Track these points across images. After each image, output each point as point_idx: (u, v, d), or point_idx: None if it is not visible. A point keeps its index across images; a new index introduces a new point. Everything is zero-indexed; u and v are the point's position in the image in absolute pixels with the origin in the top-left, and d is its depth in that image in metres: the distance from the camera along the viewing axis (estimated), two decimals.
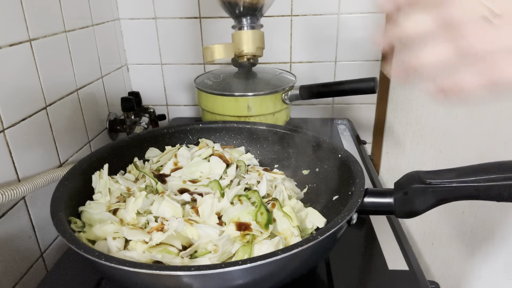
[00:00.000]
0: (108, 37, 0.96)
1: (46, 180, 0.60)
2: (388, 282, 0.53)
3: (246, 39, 0.68)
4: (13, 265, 0.59)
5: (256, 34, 0.68)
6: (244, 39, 0.68)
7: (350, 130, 1.02)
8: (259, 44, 0.69)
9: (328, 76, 1.06)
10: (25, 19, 0.63)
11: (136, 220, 0.53)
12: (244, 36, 0.68)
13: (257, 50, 0.69)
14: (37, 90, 0.66)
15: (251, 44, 0.68)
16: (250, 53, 0.68)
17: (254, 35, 0.68)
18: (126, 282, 0.43)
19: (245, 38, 0.68)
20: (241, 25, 0.68)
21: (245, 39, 0.68)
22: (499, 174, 0.43)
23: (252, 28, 0.68)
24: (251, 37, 0.68)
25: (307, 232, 0.54)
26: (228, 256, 0.48)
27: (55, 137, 0.71)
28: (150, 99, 1.11)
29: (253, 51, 0.69)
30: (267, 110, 0.86)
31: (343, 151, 0.59)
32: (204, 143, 0.72)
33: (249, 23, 0.68)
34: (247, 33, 0.68)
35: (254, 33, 0.68)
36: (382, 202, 0.49)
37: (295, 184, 0.66)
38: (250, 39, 0.68)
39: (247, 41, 0.68)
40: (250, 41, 0.68)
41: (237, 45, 0.69)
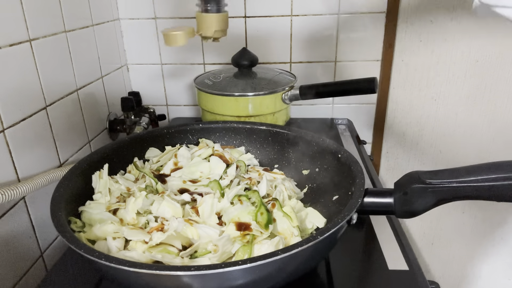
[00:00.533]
0: (108, 37, 0.96)
1: (46, 180, 0.60)
2: (388, 282, 0.53)
3: (204, 23, 0.68)
4: (13, 265, 0.59)
5: (214, 18, 0.67)
6: (202, 23, 0.68)
7: (350, 130, 1.02)
8: (218, 27, 0.68)
9: (328, 76, 1.06)
10: (25, 19, 0.63)
11: (136, 220, 0.53)
12: (201, 19, 0.68)
13: (215, 33, 0.68)
14: (37, 90, 0.66)
15: (209, 28, 0.68)
16: (207, 36, 0.69)
17: (212, 19, 0.67)
18: (126, 282, 0.43)
19: (202, 21, 0.68)
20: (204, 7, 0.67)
21: (203, 23, 0.68)
22: (499, 174, 0.43)
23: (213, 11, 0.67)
24: (209, 20, 0.68)
25: (307, 232, 0.54)
26: (228, 256, 0.48)
27: (55, 137, 0.71)
28: (150, 99, 1.11)
29: (210, 34, 0.68)
30: (267, 110, 0.86)
31: (343, 151, 0.59)
32: (204, 143, 0.72)
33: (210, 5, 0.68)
34: (205, 17, 0.67)
35: (211, 17, 0.67)
36: (382, 202, 0.49)
37: (295, 184, 0.66)
38: (209, 23, 0.68)
39: (205, 25, 0.68)
40: (209, 25, 0.68)
41: (198, 26, 0.69)
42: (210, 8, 0.67)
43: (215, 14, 0.67)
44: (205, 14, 0.67)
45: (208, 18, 0.67)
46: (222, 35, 0.70)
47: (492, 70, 1.01)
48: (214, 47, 1.04)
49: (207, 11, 0.67)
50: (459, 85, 1.04)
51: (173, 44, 0.68)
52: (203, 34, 0.69)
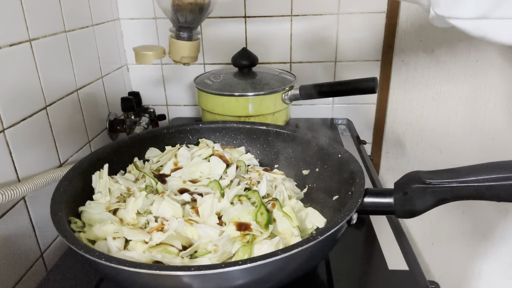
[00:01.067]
0: (108, 37, 0.96)
1: (46, 180, 0.60)
2: (388, 282, 0.53)
3: (174, 48, 0.70)
4: (13, 265, 0.59)
5: (185, 45, 0.70)
6: (173, 48, 0.70)
7: (350, 130, 1.02)
8: (187, 54, 0.70)
9: (328, 76, 1.06)
10: (25, 19, 0.63)
11: (136, 220, 0.53)
12: (172, 44, 0.70)
13: (182, 59, 0.70)
14: (37, 90, 0.66)
15: (178, 53, 0.70)
16: (175, 60, 0.71)
17: (182, 46, 0.69)
18: (126, 282, 0.43)
19: (173, 46, 0.70)
20: (177, 34, 0.69)
21: (173, 48, 0.70)
22: (499, 174, 0.43)
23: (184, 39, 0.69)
24: (180, 47, 0.70)
25: (307, 232, 0.54)
26: (228, 256, 0.48)
27: (55, 137, 0.71)
28: (150, 99, 1.11)
29: (177, 59, 0.71)
30: (267, 110, 0.86)
31: (343, 151, 0.59)
32: (204, 143, 0.72)
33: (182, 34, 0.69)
34: (175, 43, 0.70)
35: (182, 44, 0.69)
36: (382, 202, 0.49)
37: (295, 184, 0.66)
38: (179, 49, 0.70)
39: (175, 50, 0.70)
40: (179, 51, 0.70)
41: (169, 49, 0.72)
42: (182, 36, 0.69)
43: (185, 42, 0.69)
44: (176, 40, 0.69)
45: (179, 44, 0.69)
46: (192, 61, 0.72)
47: (492, 70, 1.01)
48: (214, 47, 1.04)
49: (179, 38, 0.69)
50: (459, 85, 1.04)
51: (142, 63, 0.72)
52: (172, 57, 0.71)
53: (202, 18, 0.69)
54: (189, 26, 0.68)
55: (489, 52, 0.99)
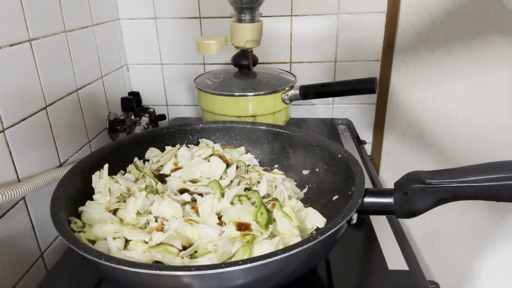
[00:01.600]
0: (108, 37, 0.96)
1: (46, 180, 0.60)
2: (388, 282, 0.53)
3: (237, 33, 0.68)
4: (13, 265, 0.59)
5: (248, 28, 0.68)
6: (235, 33, 0.68)
7: (350, 130, 1.02)
8: (251, 37, 0.68)
9: (328, 76, 1.06)
10: (25, 19, 0.63)
11: (136, 220, 0.53)
12: (235, 29, 0.68)
13: (247, 43, 0.69)
14: (37, 90, 0.66)
15: (242, 38, 0.68)
16: (239, 46, 0.69)
17: (245, 29, 0.68)
18: (126, 282, 0.43)
19: (235, 31, 0.68)
20: (238, 17, 0.68)
21: (236, 33, 0.68)
22: (499, 174, 0.43)
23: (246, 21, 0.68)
24: (242, 30, 0.68)
25: (307, 232, 0.54)
26: (228, 256, 0.48)
27: (55, 137, 0.71)
28: (150, 99, 1.11)
29: (242, 44, 0.68)
30: (267, 110, 0.86)
31: (343, 151, 0.59)
32: (204, 143, 0.72)
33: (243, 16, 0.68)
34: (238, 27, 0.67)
35: (244, 27, 0.67)
36: (382, 202, 0.49)
37: (295, 184, 0.66)
38: (241, 33, 0.68)
39: (238, 35, 0.68)
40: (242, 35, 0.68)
41: (231, 36, 0.70)
42: (244, 18, 0.68)
43: (248, 24, 0.68)
44: (238, 24, 0.67)
45: (241, 28, 0.68)
46: (255, 45, 0.70)
47: (492, 70, 1.01)
48: None
49: (241, 21, 0.68)
50: (459, 85, 1.04)
51: (205, 53, 0.69)
52: (235, 44, 0.69)
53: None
54: (251, 6, 0.66)
55: (489, 52, 1.00)
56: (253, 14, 0.68)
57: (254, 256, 0.39)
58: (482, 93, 1.04)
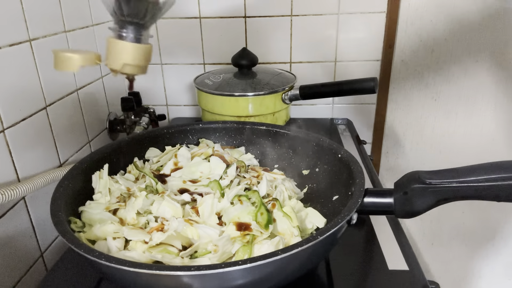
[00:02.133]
0: None
1: (46, 180, 0.60)
2: (388, 282, 0.53)
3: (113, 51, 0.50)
4: (13, 265, 0.59)
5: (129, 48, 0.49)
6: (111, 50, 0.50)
7: (350, 130, 1.02)
8: (131, 60, 0.50)
9: (328, 76, 1.06)
10: (25, 19, 0.63)
11: (136, 220, 0.53)
12: (111, 46, 0.50)
13: (124, 67, 0.50)
14: (37, 90, 0.66)
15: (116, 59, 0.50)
16: (115, 69, 0.50)
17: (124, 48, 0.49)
18: (126, 282, 0.43)
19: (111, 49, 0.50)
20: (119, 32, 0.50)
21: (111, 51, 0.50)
22: (499, 174, 0.43)
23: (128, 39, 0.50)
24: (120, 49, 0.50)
25: (307, 232, 0.54)
26: (228, 256, 0.48)
27: (55, 137, 0.71)
28: (150, 99, 1.11)
29: (117, 67, 0.50)
30: (267, 110, 0.86)
31: (343, 151, 0.59)
32: (204, 143, 0.72)
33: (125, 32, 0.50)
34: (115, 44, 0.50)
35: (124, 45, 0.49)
36: (382, 202, 0.49)
37: (295, 184, 0.66)
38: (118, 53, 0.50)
39: (114, 55, 0.50)
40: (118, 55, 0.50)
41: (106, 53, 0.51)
42: (126, 35, 0.50)
43: (129, 43, 0.49)
44: (117, 40, 0.49)
45: (120, 46, 0.49)
46: (138, 72, 0.51)
47: (492, 70, 1.01)
48: (214, 47, 1.04)
49: (121, 38, 0.49)
50: (459, 85, 1.04)
51: (64, 68, 0.49)
52: (109, 65, 0.50)
53: (157, 12, 0.51)
54: (137, 21, 0.49)
55: (489, 52, 1.00)
56: (139, 33, 0.50)
57: (254, 256, 0.39)
58: (482, 93, 1.04)
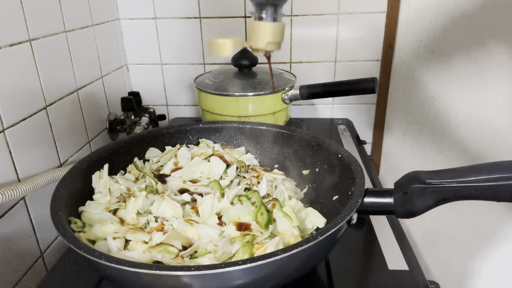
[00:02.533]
0: (108, 37, 0.96)
1: (46, 180, 0.60)
2: (388, 282, 0.53)
3: (256, 33, 0.59)
4: (13, 265, 0.59)
5: (269, 27, 0.59)
6: (254, 32, 0.59)
7: (350, 130, 1.02)
8: (272, 38, 0.59)
9: (328, 76, 1.06)
10: (25, 19, 0.63)
11: (136, 220, 0.53)
12: (253, 28, 0.59)
13: (268, 45, 0.59)
14: (37, 90, 0.66)
15: (261, 39, 0.59)
16: (259, 48, 0.60)
17: (265, 29, 0.59)
18: (126, 282, 0.43)
19: (254, 31, 0.59)
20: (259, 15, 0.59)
21: (255, 32, 0.59)
22: (499, 174, 0.43)
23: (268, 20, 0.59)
24: (262, 30, 0.59)
25: (307, 232, 0.54)
26: (228, 256, 0.48)
27: (55, 137, 0.71)
28: (150, 99, 1.11)
29: (262, 46, 0.59)
30: (267, 110, 0.86)
31: (343, 151, 0.59)
32: (204, 143, 0.72)
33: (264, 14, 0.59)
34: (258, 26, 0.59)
35: (265, 26, 0.59)
36: (382, 202, 0.49)
37: (295, 184, 0.66)
38: (262, 33, 0.59)
39: (257, 35, 0.59)
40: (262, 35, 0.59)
41: (249, 36, 0.60)
42: (265, 16, 0.59)
43: (269, 23, 0.58)
44: (258, 22, 0.58)
45: (262, 27, 0.58)
46: (276, 48, 0.61)
47: (492, 70, 1.01)
48: None
49: (261, 19, 0.59)
50: (459, 85, 1.04)
51: (218, 53, 0.61)
52: (254, 45, 0.60)
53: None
54: (273, 2, 0.58)
55: (489, 52, 0.99)
56: (276, 13, 0.59)
57: (254, 256, 0.39)
58: (482, 93, 1.04)
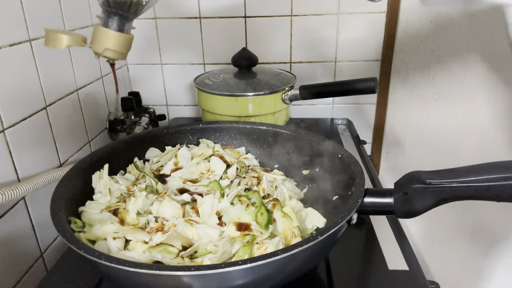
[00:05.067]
0: None
1: (46, 180, 0.60)
2: (388, 282, 0.53)
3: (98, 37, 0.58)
4: (13, 265, 0.59)
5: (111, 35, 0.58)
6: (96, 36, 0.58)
7: (350, 130, 1.02)
8: (112, 46, 0.59)
9: (328, 76, 1.06)
10: (25, 19, 0.63)
11: (136, 220, 0.53)
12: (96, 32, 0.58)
13: (106, 51, 0.58)
14: (37, 90, 0.66)
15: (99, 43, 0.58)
16: (98, 52, 0.58)
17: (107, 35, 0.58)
18: (126, 282, 0.43)
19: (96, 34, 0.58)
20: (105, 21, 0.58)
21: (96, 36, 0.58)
22: (499, 174, 0.43)
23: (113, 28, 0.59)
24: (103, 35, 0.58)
25: (307, 232, 0.54)
26: (228, 256, 0.48)
27: (55, 137, 0.71)
28: (150, 99, 1.11)
29: (99, 51, 0.58)
30: (267, 110, 0.86)
31: (343, 151, 0.59)
32: (204, 143, 0.72)
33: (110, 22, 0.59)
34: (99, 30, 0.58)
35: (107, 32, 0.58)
36: (382, 202, 0.49)
37: (295, 184, 0.66)
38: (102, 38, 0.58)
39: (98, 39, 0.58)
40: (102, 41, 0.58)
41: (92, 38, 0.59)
42: (111, 24, 0.58)
43: (111, 31, 0.58)
44: (101, 27, 0.58)
45: (104, 33, 0.58)
46: (117, 57, 0.59)
47: (492, 70, 1.01)
48: (214, 47, 1.04)
49: (106, 26, 0.58)
50: (459, 85, 1.04)
51: (54, 46, 0.57)
52: (93, 48, 0.59)
53: (140, 7, 0.58)
54: (122, 13, 0.57)
55: (489, 52, 1.00)
56: (123, 24, 0.59)
57: (254, 256, 0.39)
58: (482, 93, 1.04)
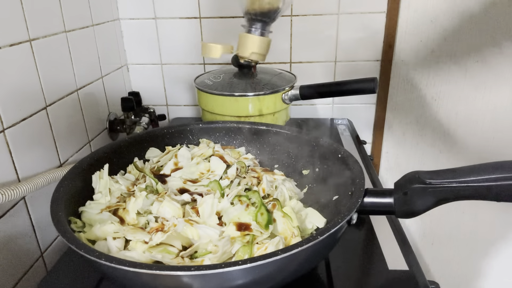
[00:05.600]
0: (108, 37, 0.96)
1: (46, 180, 0.60)
2: (388, 282, 0.53)
3: (244, 43, 0.70)
4: (13, 265, 0.59)
5: (255, 39, 0.70)
6: (242, 42, 0.70)
7: (350, 130, 1.02)
8: (257, 49, 0.70)
9: (328, 76, 1.06)
10: (25, 19, 0.63)
11: (136, 220, 0.53)
12: (242, 39, 0.70)
13: (252, 54, 0.70)
14: (37, 90, 0.66)
15: (247, 49, 0.70)
16: (244, 56, 0.70)
17: (252, 40, 0.70)
18: (126, 282, 0.43)
19: (242, 41, 0.70)
20: (249, 28, 0.69)
21: (242, 43, 0.70)
22: (499, 174, 0.43)
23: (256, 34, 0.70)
24: (249, 41, 0.70)
25: (307, 232, 0.54)
26: (228, 257, 0.48)
27: (55, 137, 0.71)
28: (150, 99, 1.11)
29: (247, 55, 0.70)
30: (267, 110, 0.86)
31: (343, 151, 0.59)
32: (204, 143, 0.72)
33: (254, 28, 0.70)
34: (245, 37, 0.70)
35: (251, 38, 0.70)
36: (382, 202, 0.49)
37: (295, 184, 0.66)
38: (248, 44, 0.70)
39: (244, 45, 0.70)
40: (248, 46, 0.70)
41: (238, 45, 0.71)
42: (254, 30, 0.70)
43: (256, 36, 0.70)
44: (247, 34, 0.69)
45: (249, 39, 0.70)
46: (260, 59, 0.71)
47: (492, 70, 1.01)
48: None
49: (250, 32, 0.69)
50: (459, 85, 1.04)
51: (209, 55, 0.72)
52: (240, 53, 0.71)
53: (278, 13, 0.70)
54: (263, 19, 0.69)
55: (489, 52, 0.99)
56: (264, 29, 0.70)
57: (254, 256, 0.39)
58: (482, 93, 1.04)
